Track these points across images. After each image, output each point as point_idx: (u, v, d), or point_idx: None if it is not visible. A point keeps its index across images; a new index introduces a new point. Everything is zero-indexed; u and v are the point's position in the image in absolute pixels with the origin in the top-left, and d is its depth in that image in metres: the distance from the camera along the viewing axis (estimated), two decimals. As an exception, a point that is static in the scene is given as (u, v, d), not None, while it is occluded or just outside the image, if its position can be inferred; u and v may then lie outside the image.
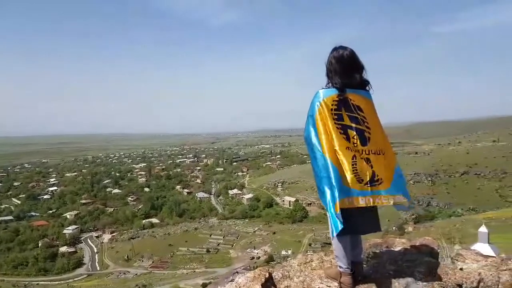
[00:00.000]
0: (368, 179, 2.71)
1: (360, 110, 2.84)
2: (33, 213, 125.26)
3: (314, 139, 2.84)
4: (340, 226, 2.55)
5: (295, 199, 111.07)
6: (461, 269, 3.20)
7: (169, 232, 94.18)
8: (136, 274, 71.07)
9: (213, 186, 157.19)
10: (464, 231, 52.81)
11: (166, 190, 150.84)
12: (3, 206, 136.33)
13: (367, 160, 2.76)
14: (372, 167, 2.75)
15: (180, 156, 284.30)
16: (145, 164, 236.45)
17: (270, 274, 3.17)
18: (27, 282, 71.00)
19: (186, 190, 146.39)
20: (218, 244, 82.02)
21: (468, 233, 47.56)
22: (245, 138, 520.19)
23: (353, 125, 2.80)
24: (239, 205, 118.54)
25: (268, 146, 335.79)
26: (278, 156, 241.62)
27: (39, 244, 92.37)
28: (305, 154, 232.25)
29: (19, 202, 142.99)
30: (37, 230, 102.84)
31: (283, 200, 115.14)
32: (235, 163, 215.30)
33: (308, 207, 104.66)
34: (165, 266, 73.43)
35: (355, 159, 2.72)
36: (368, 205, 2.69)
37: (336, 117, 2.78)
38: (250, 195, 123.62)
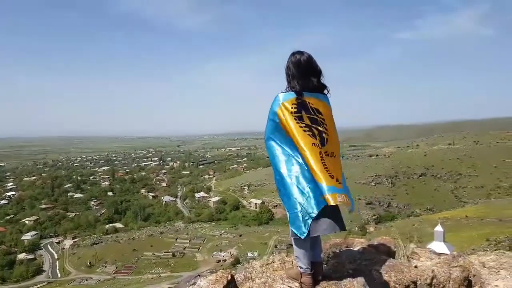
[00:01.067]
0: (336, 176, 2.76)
1: (319, 113, 2.87)
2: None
3: (276, 141, 2.87)
4: (305, 230, 2.58)
5: (261, 201, 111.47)
6: (415, 266, 3.31)
7: (133, 237, 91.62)
8: (99, 280, 68.48)
9: (179, 189, 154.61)
10: (422, 230, 55.14)
11: (131, 194, 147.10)
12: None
13: (323, 160, 2.77)
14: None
15: (145, 159, 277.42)
16: (108, 167, 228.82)
17: (232, 276, 3.16)
18: (-19, 292, 66.56)
19: (151, 194, 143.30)
20: (184, 248, 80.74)
21: (426, 232, 49.65)
22: (211, 141, 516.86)
23: (313, 125, 2.82)
24: (206, 208, 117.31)
25: (234, 149, 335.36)
26: (245, 158, 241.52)
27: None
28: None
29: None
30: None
31: (250, 203, 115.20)
32: (201, 166, 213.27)
33: (274, 209, 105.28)
34: (129, 271, 71.28)
35: (322, 155, 2.74)
36: (343, 203, 2.68)
37: (297, 119, 2.79)
38: (216, 198, 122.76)
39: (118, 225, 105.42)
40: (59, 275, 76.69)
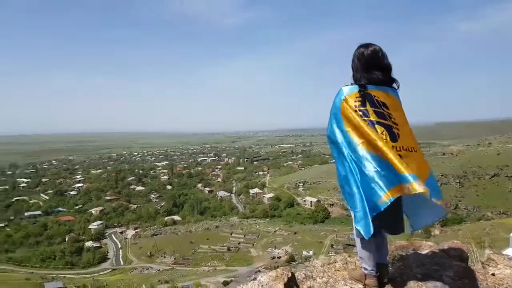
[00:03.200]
0: (405, 172, 2.49)
1: (385, 107, 2.72)
2: (60, 209, 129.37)
3: (339, 136, 2.76)
4: (372, 230, 2.44)
5: (316, 199, 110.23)
6: (493, 274, 3.10)
7: (190, 229, 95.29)
8: (159, 270, 72.31)
9: (234, 185, 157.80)
10: (494, 235, 51.02)
11: (188, 188, 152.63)
12: (32, 201, 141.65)
13: (399, 156, 2.55)
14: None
15: (201, 155, 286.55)
16: (167, 162, 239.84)
17: (292, 274, 3.14)
18: (54, 275, 73.38)
19: (207, 189, 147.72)
20: (239, 243, 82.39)
21: (499, 237, 45.93)
22: (265, 138, 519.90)
23: (380, 120, 2.66)
24: (260, 204, 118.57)
25: (289, 145, 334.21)
26: (300, 155, 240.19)
27: (66, 239, 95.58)
28: (327, 154, 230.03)
29: (47, 197, 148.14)
30: (64, 225, 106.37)
31: (305, 201, 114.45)
32: (255, 163, 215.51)
33: (330, 208, 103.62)
34: (186, 263, 74.39)
35: (396, 150, 2.54)
36: (422, 192, 2.38)
37: (361, 113, 2.67)
38: (271, 195, 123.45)
39: (176, 217, 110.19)
40: (122, 263, 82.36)
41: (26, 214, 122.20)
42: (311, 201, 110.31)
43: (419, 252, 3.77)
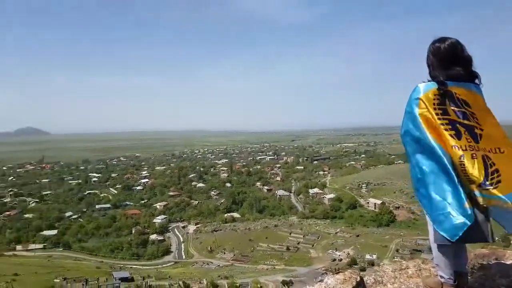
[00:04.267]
0: (481, 180, 2.38)
1: (467, 105, 2.56)
2: (127, 203, 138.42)
3: (414, 137, 2.62)
4: (459, 233, 2.30)
5: (381, 201, 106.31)
6: None
7: (249, 227, 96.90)
8: (219, 265, 74.56)
9: (293, 184, 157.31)
10: None
11: (247, 186, 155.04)
12: (102, 195, 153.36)
13: (486, 158, 2.43)
14: (492, 166, 2.40)
15: (260, 154, 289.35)
16: (227, 160, 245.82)
17: (361, 278, 3.13)
18: (122, 265, 78.78)
19: (266, 187, 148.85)
20: (298, 243, 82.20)
21: None
22: (326, 136, 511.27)
23: (461, 120, 2.51)
24: (320, 205, 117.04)
25: (351, 144, 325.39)
26: (363, 155, 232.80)
27: (133, 231, 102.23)
28: (393, 154, 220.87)
29: (115, 192, 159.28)
30: (131, 218, 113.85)
31: (368, 202, 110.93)
32: (315, 162, 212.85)
33: (396, 211, 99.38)
34: (245, 260, 75.82)
35: (463, 159, 2.39)
36: (500, 206, 2.32)
37: (440, 111, 2.53)
38: (331, 195, 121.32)
39: (236, 215, 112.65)
40: (184, 257, 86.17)
41: (97, 206, 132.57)
42: (375, 203, 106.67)
43: (502, 261, 3.56)
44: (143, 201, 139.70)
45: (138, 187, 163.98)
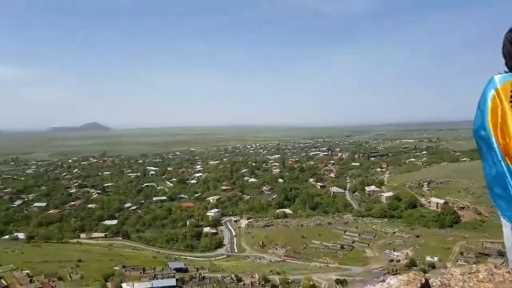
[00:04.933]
0: None
1: None
2: (182, 195, 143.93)
3: (488, 132, 2.38)
4: None
5: (444, 201, 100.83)
6: None
7: (302, 224, 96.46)
8: (270, 260, 75.12)
9: (348, 181, 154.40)
10: None
11: (299, 182, 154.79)
12: (159, 188, 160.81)
13: None
14: None
15: (314, 149, 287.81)
16: (279, 155, 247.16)
17: (426, 280, 2.99)
18: (177, 256, 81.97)
19: (319, 184, 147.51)
20: (353, 242, 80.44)
21: None
22: (384, 132, 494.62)
23: None
24: (377, 203, 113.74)
25: (411, 140, 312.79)
26: (424, 152, 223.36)
27: (187, 223, 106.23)
28: (458, 151, 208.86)
29: (171, 185, 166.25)
30: (186, 211, 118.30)
31: (429, 202, 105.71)
32: (372, 158, 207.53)
33: (461, 212, 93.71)
34: (298, 256, 75.58)
35: None
36: None
37: None
38: (389, 193, 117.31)
39: (288, 211, 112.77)
40: (236, 251, 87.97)
41: (154, 199, 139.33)
42: (437, 203, 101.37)
43: None
44: (197, 195, 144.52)
45: (192, 181, 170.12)
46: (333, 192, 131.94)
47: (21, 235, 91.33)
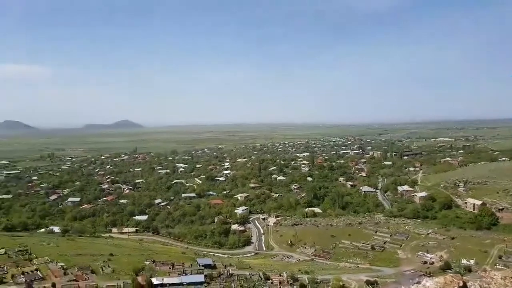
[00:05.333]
0: None
1: None
2: (211, 192, 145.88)
3: None
4: None
5: (481, 202, 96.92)
6: None
7: (331, 223, 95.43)
8: (299, 259, 74.75)
9: (379, 180, 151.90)
10: None
11: (329, 181, 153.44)
12: (188, 185, 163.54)
13: None
14: None
15: (344, 147, 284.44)
16: (308, 153, 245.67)
17: (464, 283, 2.96)
18: (205, 252, 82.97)
19: (349, 183, 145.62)
20: (384, 242, 78.81)
21: None
22: (418, 130, 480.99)
23: None
24: (410, 203, 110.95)
25: (447, 139, 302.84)
26: (461, 151, 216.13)
27: (215, 220, 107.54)
28: (496, 150, 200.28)
29: (200, 182, 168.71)
30: (214, 208, 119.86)
31: (466, 203, 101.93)
32: (405, 157, 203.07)
33: (499, 213, 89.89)
34: (327, 256, 74.82)
35: None
36: None
37: None
38: (423, 194, 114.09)
39: (317, 209, 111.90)
40: (264, 249, 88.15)
41: (183, 195, 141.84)
42: (474, 204, 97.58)
43: None
44: (225, 192, 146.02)
45: (221, 178, 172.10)
46: (364, 192, 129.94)
47: (56, 229, 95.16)
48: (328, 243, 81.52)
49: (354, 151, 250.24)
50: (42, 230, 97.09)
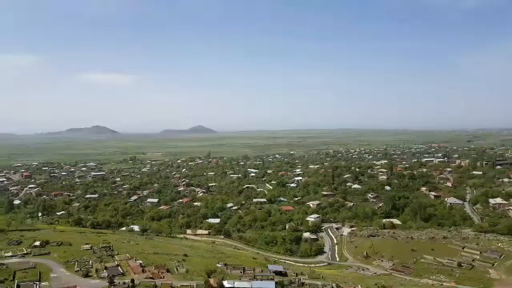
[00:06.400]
0: None
1: None
2: (281, 198, 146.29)
3: None
4: None
5: None
6: None
7: (412, 236, 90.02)
8: (375, 273, 71.46)
9: (467, 191, 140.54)
10: None
11: (409, 191, 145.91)
12: (259, 190, 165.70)
13: None
14: None
15: (427, 155, 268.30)
16: (386, 161, 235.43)
17: None
18: (276, 259, 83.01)
19: (433, 193, 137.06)
20: (473, 260, 72.24)
21: None
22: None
23: None
24: (504, 218, 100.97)
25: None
26: None
27: (286, 227, 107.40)
28: None
29: (271, 187, 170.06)
30: (285, 214, 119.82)
31: None
32: (499, 167, 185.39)
33: None
34: (406, 271, 70.64)
35: None
36: None
37: None
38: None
39: (395, 221, 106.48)
40: (337, 259, 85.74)
41: (254, 200, 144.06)
42: None
43: None
44: (296, 198, 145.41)
45: (292, 184, 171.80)
46: (450, 203, 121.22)
47: (136, 228, 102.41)
48: (408, 258, 76.89)
49: (438, 159, 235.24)
50: (123, 228, 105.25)
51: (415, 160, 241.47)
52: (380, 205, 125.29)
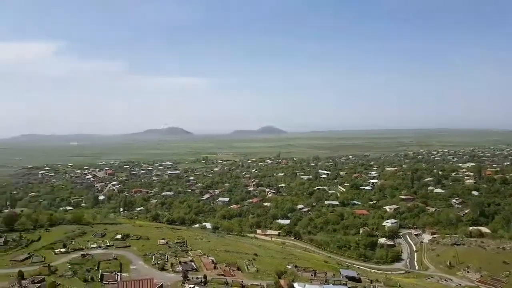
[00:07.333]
0: None
1: None
2: (355, 202, 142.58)
3: None
4: None
5: None
6: None
7: (503, 246, 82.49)
8: (460, 284, 66.66)
9: None
10: None
11: (501, 197, 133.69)
12: (331, 192, 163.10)
13: None
14: None
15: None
16: (473, 164, 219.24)
17: None
18: (349, 264, 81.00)
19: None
20: None
21: None
22: None
23: None
24: None
25: None
26: None
27: (360, 231, 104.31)
28: None
29: (343, 189, 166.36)
30: (359, 218, 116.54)
31: None
32: None
33: None
34: (497, 285, 64.93)
35: None
36: None
37: None
38: None
39: (484, 229, 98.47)
40: (416, 267, 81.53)
41: (325, 202, 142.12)
42: None
43: None
44: (371, 202, 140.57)
45: (367, 187, 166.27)
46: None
47: (208, 225, 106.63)
48: (499, 270, 70.66)
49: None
50: (196, 225, 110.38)
51: (508, 163, 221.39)
52: (466, 211, 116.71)
